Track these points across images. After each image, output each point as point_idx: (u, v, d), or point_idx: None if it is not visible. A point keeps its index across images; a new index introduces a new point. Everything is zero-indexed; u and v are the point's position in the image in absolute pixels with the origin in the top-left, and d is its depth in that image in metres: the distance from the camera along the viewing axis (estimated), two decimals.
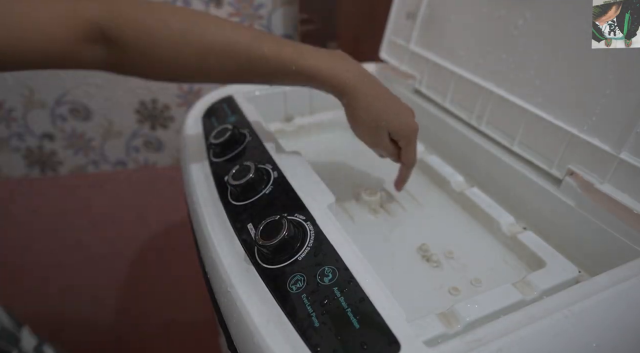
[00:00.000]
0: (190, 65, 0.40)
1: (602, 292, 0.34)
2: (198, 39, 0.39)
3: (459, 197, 0.56)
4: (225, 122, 0.57)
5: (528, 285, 0.39)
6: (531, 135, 0.51)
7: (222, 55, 0.40)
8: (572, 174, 0.46)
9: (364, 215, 0.55)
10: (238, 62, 0.41)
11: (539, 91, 0.50)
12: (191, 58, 0.40)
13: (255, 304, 0.34)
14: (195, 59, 0.40)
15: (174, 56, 0.39)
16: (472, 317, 0.35)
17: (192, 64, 0.40)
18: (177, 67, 0.40)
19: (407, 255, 0.49)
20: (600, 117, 0.44)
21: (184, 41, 0.39)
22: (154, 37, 0.38)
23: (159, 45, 0.39)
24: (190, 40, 0.39)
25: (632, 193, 0.41)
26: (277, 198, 0.43)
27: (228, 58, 0.40)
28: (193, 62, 0.40)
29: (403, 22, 0.71)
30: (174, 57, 0.39)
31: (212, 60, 0.40)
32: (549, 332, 0.31)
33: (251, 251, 0.39)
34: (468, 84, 0.59)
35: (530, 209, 0.51)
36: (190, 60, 0.40)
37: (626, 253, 0.40)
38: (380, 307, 0.31)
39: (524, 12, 0.52)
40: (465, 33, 0.60)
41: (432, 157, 0.62)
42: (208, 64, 0.40)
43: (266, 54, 0.41)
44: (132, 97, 1.05)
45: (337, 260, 0.35)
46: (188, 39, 0.39)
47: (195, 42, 0.39)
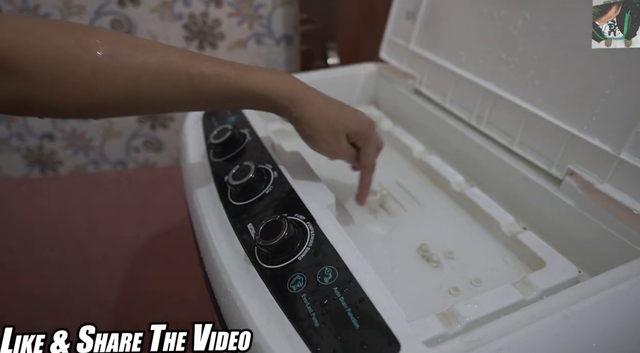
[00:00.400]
0: (117, 92, 0.35)
1: (602, 292, 0.34)
2: (125, 61, 0.34)
3: (459, 197, 0.56)
4: (225, 122, 0.57)
5: (528, 285, 0.39)
6: (531, 135, 0.51)
7: (157, 77, 0.35)
8: (572, 174, 0.46)
9: (364, 215, 0.55)
10: (176, 84, 0.36)
11: (538, 91, 0.50)
12: (117, 84, 0.34)
13: (255, 304, 0.34)
14: (123, 85, 0.34)
15: (92, 84, 0.34)
16: (472, 317, 0.35)
17: (119, 91, 0.35)
18: (99, 96, 0.34)
19: (407, 255, 0.49)
20: (600, 117, 0.44)
21: (108, 65, 0.34)
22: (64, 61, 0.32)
23: (72, 73, 0.33)
24: (115, 63, 0.34)
25: (632, 193, 0.41)
26: (277, 198, 0.43)
27: (164, 80, 0.36)
28: (120, 89, 0.35)
29: (403, 22, 0.71)
30: (92, 85, 0.34)
31: (144, 84, 0.35)
32: (549, 332, 0.31)
33: (251, 251, 0.39)
34: (468, 84, 0.59)
35: (530, 209, 0.51)
36: (117, 86, 0.34)
37: (626, 253, 0.40)
38: (380, 307, 0.31)
39: (523, 12, 0.52)
40: (465, 33, 0.60)
41: (432, 157, 0.62)
42: (140, 90, 0.35)
43: (206, 73, 0.37)
44: None
45: (337, 260, 0.35)
46: (112, 63, 0.34)
47: (122, 66, 0.34)
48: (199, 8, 0.95)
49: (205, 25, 0.98)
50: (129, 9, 0.92)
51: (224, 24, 0.98)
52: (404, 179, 0.62)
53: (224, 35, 1.00)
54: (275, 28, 1.02)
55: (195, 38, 0.98)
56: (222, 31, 0.99)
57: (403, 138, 0.67)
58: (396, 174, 0.63)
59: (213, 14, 0.97)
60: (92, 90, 0.34)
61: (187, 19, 0.96)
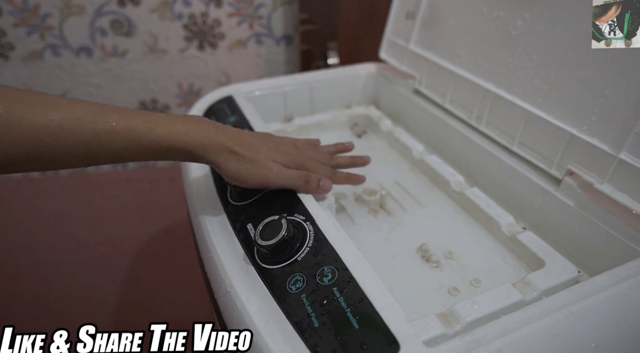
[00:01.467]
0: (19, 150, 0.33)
1: (601, 292, 0.34)
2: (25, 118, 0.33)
3: (459, 197, 0.56)
4: (225, 122, 0.57)
5: (528, 285, 0.39)
6: (531, 135, 0.51)
7: (62, 135, 0.34)
8: (572, 174, 0.46)
9: (364, 215, 0.55)
10: (82, 140, 0.35)
11: (538, 91, 0.50)
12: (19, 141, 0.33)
13: (254, 304, 0.34)
14: (25, 142, 0.33)
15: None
16: (471, 317, 0.35)
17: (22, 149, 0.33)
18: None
19: (407, 255, 0.49)
20: (599, 117, 0.44)
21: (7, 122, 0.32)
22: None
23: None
24: (15, 121, 0.32)
25: (632, 193, 0.41)
26: (276, 198, 0.43)
27: (69, 137, 0.34)
28: (22, 147, 0.33)
29: (403, 22, 0.71)
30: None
31: (49, 141, 0.34)
32: (548, 332, 0.31)
33: (251, 251, 0.39)
34: (468, 84, 0.59)
35: (529, 209, 0.51)
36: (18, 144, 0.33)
37: (626, 253, 0.40)
38: (379, 307, 0.31)
39: (523, 12, 0.52)
40: (464, 33, 0.60)
41: (432, 157, 0.62)
42: (44, 147, 0.34)
43: (115, 128, 0.36)
44: (132, 97, 1.05)
45: (336, 260, 0.35)
46: (12, 119, 0.32)
47: (21, 123, 0.33)
48: (199, 8, 0.95)
49: (205, 25, 0.98)
50: (129, 9, 0.92)
51: (224, 24, 0.98)
52: (404, 179, 0.62)
53: (224, 35, 1.00)
54: (275, 28, 1.02)
55: (195, 38, 0.98)
56: (222, 31, 0.99)
57: (403, 138, 0.67)
58: (396, 174, 0.63)
59: (213, 14, 0.97)
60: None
61: (187, 19, 0.96)
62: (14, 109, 0.33)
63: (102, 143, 0.36)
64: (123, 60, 0.97)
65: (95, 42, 0.93)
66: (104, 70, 0.98)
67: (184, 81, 1.04)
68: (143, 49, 0.96)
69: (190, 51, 1.00)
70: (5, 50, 0.90)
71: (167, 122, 0.38)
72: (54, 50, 0.93)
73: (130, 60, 0.97)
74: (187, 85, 1.04)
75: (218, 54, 1.02)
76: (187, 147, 0.39)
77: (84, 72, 0.97)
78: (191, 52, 1.00)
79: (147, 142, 0.37)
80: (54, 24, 0.90)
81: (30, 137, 0.33)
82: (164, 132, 0.37)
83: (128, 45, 0.95)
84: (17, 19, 0.87)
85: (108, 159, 0.37)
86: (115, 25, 0.93)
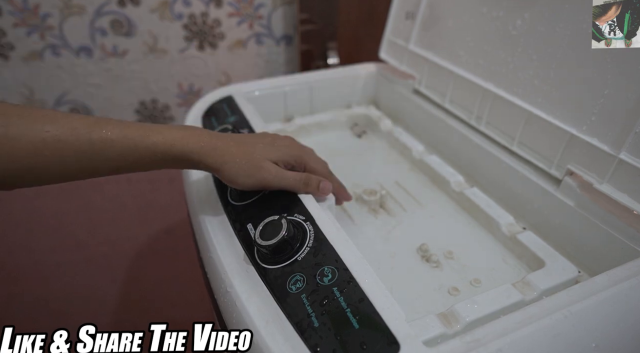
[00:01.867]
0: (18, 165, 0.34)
1: (601, 292, 0.34)
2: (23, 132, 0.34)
3: (459, 197, 0.56)
4: (225, 122, 0.57)
5: (528, 285, 0.39)
6: (530, 135, 0.51)
7: (59, 146, 0.35)
8: (572, 174, 0.46)
9: (364, 215, 0.55)
10: (80, 151, 0.35)
11: (538, 91, 0.50)
12: (17, 156, 0.34)
13: (254, 304, 0.34)
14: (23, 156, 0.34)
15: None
16: (471, 317, 0.35)
17: (21, 163, 0.34)
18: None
19: (407, 255, 0.49)
20: (599, 117, 0.44)
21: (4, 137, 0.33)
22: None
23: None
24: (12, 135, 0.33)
25: (632, 193, 0.41)
26: (276, 198, 0.43)
27: (67, 149, 0.35)
28: (21, 161, 0.34)
29: (402, 22, 0.71)
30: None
31: (47, 154, 0.35)
32: (548, 332, 0.31)
33: (251, 251, 0.39)
34: (467, 84, 0.59)
35: (529, 209, 0.51)
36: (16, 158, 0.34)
37: (626, 253, 0.40)
38: (379, 307, 0.31)
39: (522, 12, 0.52)
40: (464, 33, 0.60)
41: (432, 157, 0.62)
42: (43, 160, 0.35)
43: (110, 137, 0.36)
44: (132, 97, 1.05)
45: (336, 260, 0.35)
46: (9, 134, 0.33)
47: (19, 138, 0.33)
48: (199, 8, 0.95)
49: (205, 25, 0.98)
50: (129, 9, 0.92)
51: (224, 24, 0.98)
52: (404, 179, 0.62)
53: (224, 35, 1.00)
54: (275, 28, 1.02)
55: (195, 38, 0.98)
56: (222, 31, 0.99)
57: (403, 138, 0.67)
58: (396, 174, 0.63)
59: (213, 14, 0.97)
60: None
61: (187, 19, 0.96)
62: (11, 123, 0.33)
63: (98, 153, 0.36)
64: (123, 60, 0.97)
65: (95, 42, 0.93)
66: (104, 70, 0.98)
67: (184, 81, 1.04)
68: (143, 49, 0.96)
69: (190, 51, 1.00)
70: (5, 50, 0.90)
71: (163, 130, 0.39)
72: (54, 50, 0.93)
73: (130, 60, 0.97)
74: (187, 85, 1.04)
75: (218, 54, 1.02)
76: (183, 153, 0.39)
77: (84, 72, 0.97)
78: (191, 52, 1.00)
79: (143, 149, 0.37)
80: (54, 24, 0.90)
81: (29, 151, 0.34)
82: (159, 139, 0.38)
83: (128, 45, 0.95)
84: (17, 19, 0.87)
85: (106, 170, 0.38)
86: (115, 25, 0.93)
